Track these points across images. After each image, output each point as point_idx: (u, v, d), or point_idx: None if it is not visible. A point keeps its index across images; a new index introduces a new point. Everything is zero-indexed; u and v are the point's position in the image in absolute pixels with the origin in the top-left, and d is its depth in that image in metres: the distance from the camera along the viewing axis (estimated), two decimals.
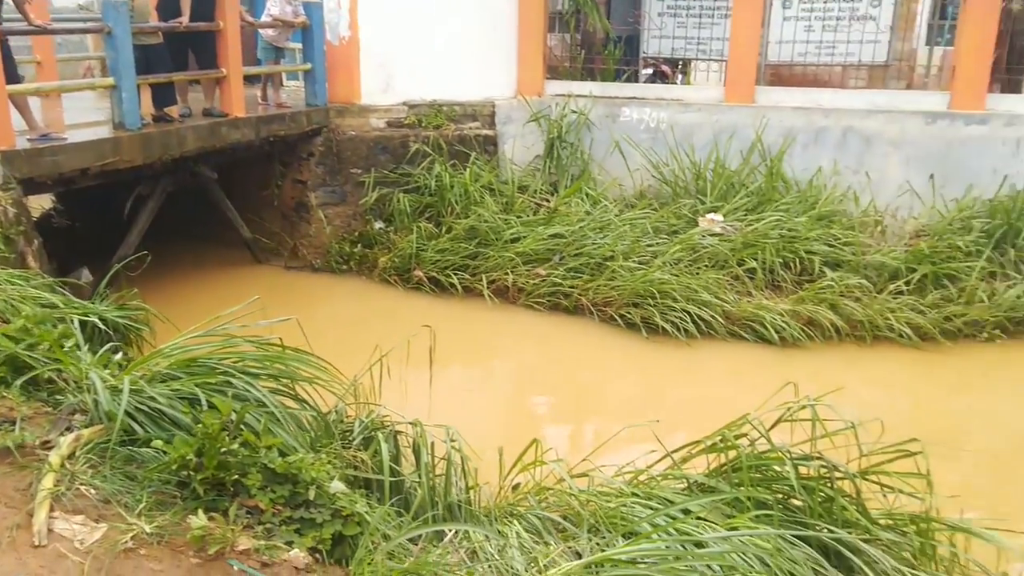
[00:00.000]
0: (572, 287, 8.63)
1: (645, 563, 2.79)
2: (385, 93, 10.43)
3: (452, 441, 4.38)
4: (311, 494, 3.26)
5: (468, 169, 9.99)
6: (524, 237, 9.14)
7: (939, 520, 4.16)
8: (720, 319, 8.14)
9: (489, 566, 3.39)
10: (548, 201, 9.92)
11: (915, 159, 9.69)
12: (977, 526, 4.16)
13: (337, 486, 3.39)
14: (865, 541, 4.01)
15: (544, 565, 3.23)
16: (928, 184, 9.61)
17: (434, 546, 3.45)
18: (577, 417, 7.05)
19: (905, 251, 9.02)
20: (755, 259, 8.78)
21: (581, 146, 10.41)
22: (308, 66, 10.09)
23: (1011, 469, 6.02)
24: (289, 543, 3.04)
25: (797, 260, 8.86)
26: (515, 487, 4.53)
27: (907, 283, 8.59)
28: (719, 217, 9.39)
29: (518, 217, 9.48)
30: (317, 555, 3.09)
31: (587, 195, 9.88)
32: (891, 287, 8.56)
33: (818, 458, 4.13)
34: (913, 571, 3.96)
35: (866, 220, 9.59)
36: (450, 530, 3.56)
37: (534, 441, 4.53)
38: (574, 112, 10.38)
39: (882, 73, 11.04)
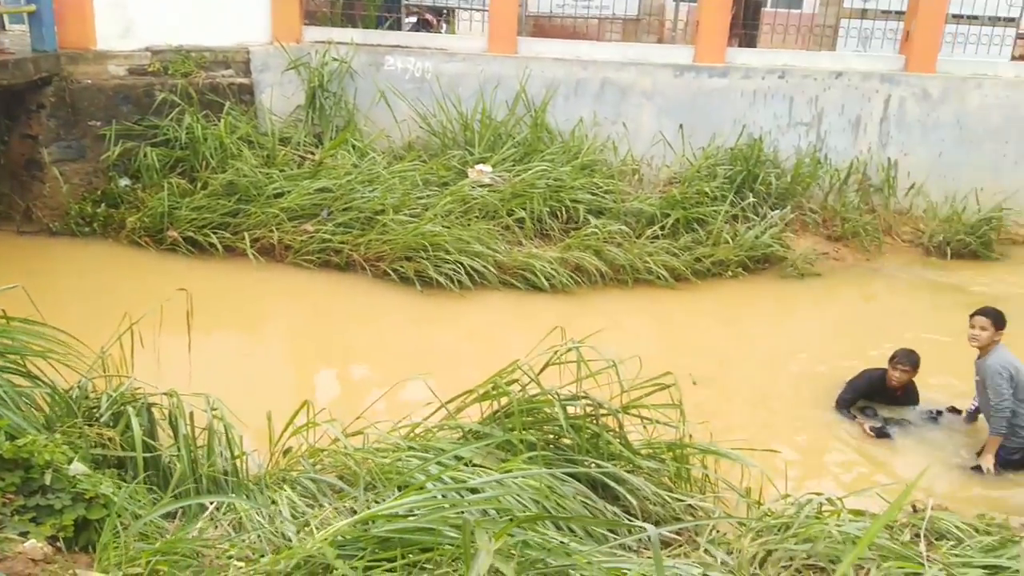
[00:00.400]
0: (342, 243, 8.39)
1: (416, 514, 2.74)
2: (124, 38, 9.50)
3: (213, 410, 4.13)
4: (47, 479, 2.97)
5: (223, 120, 9.37)
6: (288, 192, 8.74)
7: (691, 445, 4.48)
8: (493, 269, 8.25)
9: (258, 536, 3.23)
10: (313, 154, 9.55)
11: (666, 110, 10.27)
12: (724, 447, 4.52)
13: (77, 468, 3.09)
14: (628, 471, 4.24)
15: (315, 527, 3.11)
16: (678, 134, 10.23)
17: (195, 522, 3.24)
18: (353, 375, 6.92)
19: (660, 198, 9.56)
20: (524, 209, 8.95)
21: (345, 96, 10.07)
22: (32, 7, 8.95)
23: (752, 393, 6.61)
24: (24, 534, 2.78)
25: (563, 209, 9.14)
26: (286, 452, 4.35)
27: (662, 228, 9.13)
28: (488, 168, 9.47)
29: (281, 171, 9.04)
30: (58, 544, 2.84)
31: (354, 147, 9.60)
32: (648, 232, 9.06)
33: (584, 397, 4.29)
34: (671, 494, 4.25)
35: (624, 169, 10.06)
36: (211, 503, 3.35)
37: (305, 403, 4.36)
38: (335, 60, 10.01)
39: (634, 27, 11.56)
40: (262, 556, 2.94)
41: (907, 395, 6.31)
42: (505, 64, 10.17)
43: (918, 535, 3.74)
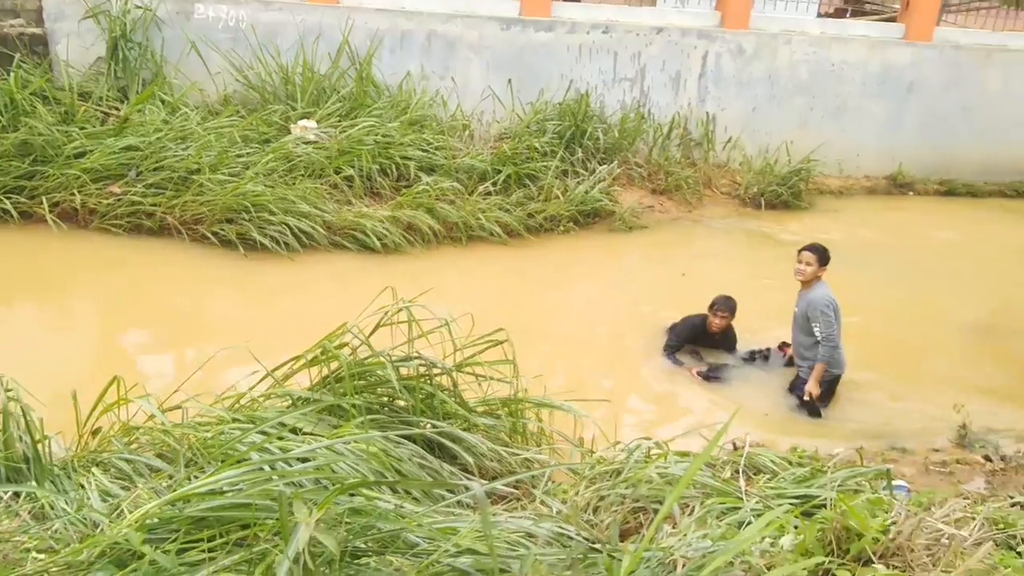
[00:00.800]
0: (155, 205, 7.82)
1: (234, 490, 2.57)
2: None
3: (8, 391, 3.73)
4: None
5: (13, 74, 8.45)
6: (91, 151, 8.00)
7: (526, 400, 4.49)
8: (321, 230, 7.97)
9: (63, 524, 2.95)
10: (117, 110, 8.81)
11: (494, 64, 10.20)
12: (558, 400, 4.57)
13: None
14: (465, 429, 4.20)
15: (127, 510, 2.87)
16: (507, 88, 10.20)
17: None
18: (173, 347, 6.48)
19: (491, 154, 9.52)
20: (352, 166, 8.67)
21: (151, 47, 9.30)
22: None
23: (585, 344, 6.75)
24: None
25: (393, 166, 8.93)
26: (95, 432, 4.01)
27: (494, 184, 9.11)
28: (312, 123, 9.09)
29: (81, 128, 8.25)
30: None
31: (163, 102, 8.92)
32: (480, 189, 9.02)
33: (417, 358, 4.20)
34: (507, 448, 4.25)
35: (455, 124, 9.92)
36: (5, 492, 3.03)
37: (115, 379, 4.03)
38: (139, 8, 9.22)
39: None
40: (68, 546, 2.69)
41: (726, 338, 6.63)
42: (326, 14, 9.72)
43: (738, 471, 3.93)
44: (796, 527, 2.86)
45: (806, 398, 5.89)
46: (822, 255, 5.91)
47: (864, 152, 11.43)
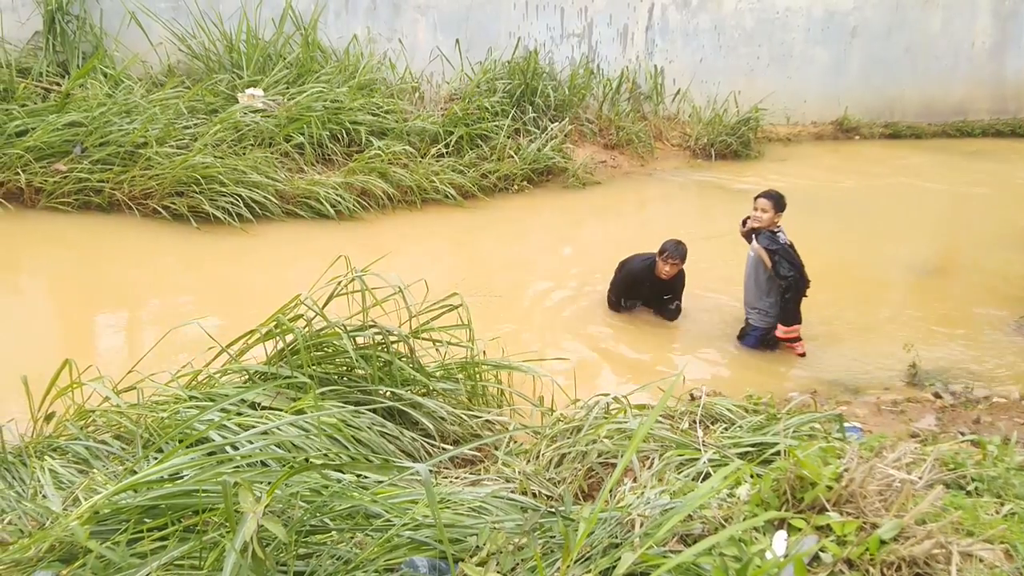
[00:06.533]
0: (102, 181, 7.67)
1: (185, 476, 2.56)
2: None
3: None
4: None
5: None
6: (33, 129, 7.80)
7: (483, 362, 4.52)
8: (274, 199, 7.90)
9: (19, 515, 2.93)
10: (59, 85, 8.58)
11: (441, 24, 10.07)
12: (516, 361, 4.60)
13: None
14: (425, 395, 4.23)
15: (82, 499, 2.86)
16: (455, 49, 10.08)
17: None
18: (128, 326, 6.41)
19: (442, 115, 9.45)
20: (302, 134, 8.58)
21: (90, 19, 9.05)
22: None
23: (543, 303, 6.79)
24: None
25: (344, 131, 8.86)
26: (49, 417, 3.97)
27: (447, 146, 9.07)
28: (259, 92, 8.94)
29: (22, 106, 8.04)
30: None
31: (105, 75, 8.71)
32: (433, 151, 8.97)
33: (372, 326, 4.20)
34: (468, 412, 4.29)
35: (404, 87, 9.84)
36: None
37: (66, 362, 3.98)
38: None
39: None
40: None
41: (675, 284, 6.56)
42: None
43: (696, 422, 4.00)
44: (754, 475, 2.91)
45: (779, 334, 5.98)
46: (778, 202, 5.89)
47: (810, 99, 11.54)
